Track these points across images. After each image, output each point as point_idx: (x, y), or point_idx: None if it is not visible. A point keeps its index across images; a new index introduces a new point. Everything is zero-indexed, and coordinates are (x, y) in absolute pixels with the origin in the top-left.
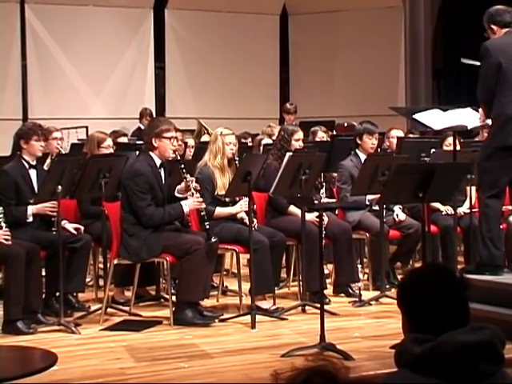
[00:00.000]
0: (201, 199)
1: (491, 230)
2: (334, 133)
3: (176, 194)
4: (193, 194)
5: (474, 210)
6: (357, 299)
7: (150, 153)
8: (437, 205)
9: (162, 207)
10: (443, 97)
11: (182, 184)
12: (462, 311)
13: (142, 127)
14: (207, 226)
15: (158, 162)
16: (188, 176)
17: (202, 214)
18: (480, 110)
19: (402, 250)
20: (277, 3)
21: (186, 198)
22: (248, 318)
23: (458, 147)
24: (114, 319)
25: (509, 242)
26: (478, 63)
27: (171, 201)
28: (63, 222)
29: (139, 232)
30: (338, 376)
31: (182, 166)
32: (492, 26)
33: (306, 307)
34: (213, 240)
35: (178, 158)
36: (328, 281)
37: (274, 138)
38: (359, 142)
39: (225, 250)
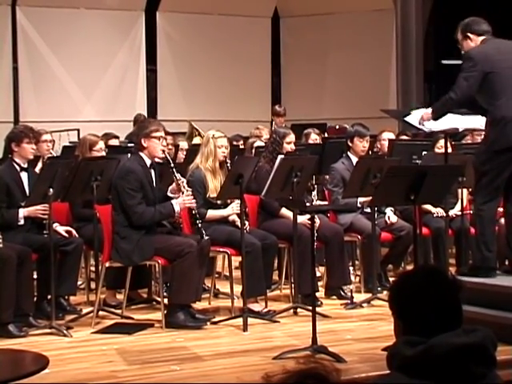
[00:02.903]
0: (191, 197)
1: (485, 234)
2: (326, 135)
3: (169, 194)
4: (183, 193)
5: (465, 212)
6: (348, 301)
7: (140, 153)
8: (428, 207)
9: (152, 206)
10: (434, 99)
11: (174, 184)
12: (454, 313)
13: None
14: (199, 225)
15: (148, 162)
16: (178, 175)
17: (193, 212)
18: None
19: (393, 253)
20: (268, 6)
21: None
22: (240, 321)
23: (449, 150)
24: (105, 322)
25: (501, 244)
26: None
27: (163, 202)
28: (55, 225)
29: (131, 235)
30: (330, 378)
31: (172, 165)
32: (469, 35)
33: (298, 310)
34: (205, 238)
35: (168, 157)
36: (320, 283)
37: (262, 139)
38: (350, 144)
39: (216, 253)
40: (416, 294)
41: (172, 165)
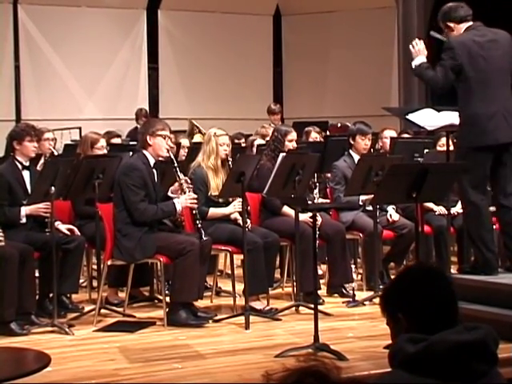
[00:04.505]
0: (193, 195)
1: (482, 235)
2: (328, 133)
3: (169, 194)
4: (185, 192)
5: None
6: (350, 299)
7: (144, 151)
8: (430, 205)
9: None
10: (436, 97)
11: (176, 184)
12: (449, 307)
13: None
14: (199, 225)
15: (151, 161)
16: (181, 175)
17: (194, 212)
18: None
19: (395, 251)
20: (270, 4)
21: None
22: (242, 319)
23: (451, 147)
24: (107, 320)
25: (501, 241)
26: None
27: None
28: (57, 223)
29: (133, 232)
30: (330, 376)
31: (175, 164)
32: (449, 24)
33: (300, 308)
34: (204, 239)
35: (172, 157)
36: (322, 281)
37: (267, 138)
38: (352, 142)
39: (218, 251)
40: (410, 292)
41: (175, 164)
